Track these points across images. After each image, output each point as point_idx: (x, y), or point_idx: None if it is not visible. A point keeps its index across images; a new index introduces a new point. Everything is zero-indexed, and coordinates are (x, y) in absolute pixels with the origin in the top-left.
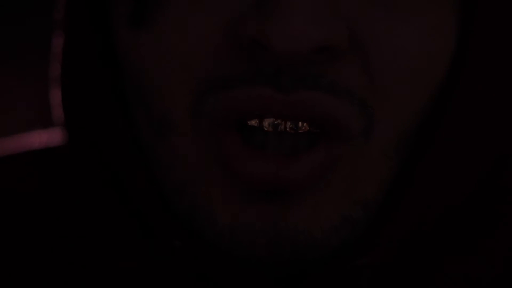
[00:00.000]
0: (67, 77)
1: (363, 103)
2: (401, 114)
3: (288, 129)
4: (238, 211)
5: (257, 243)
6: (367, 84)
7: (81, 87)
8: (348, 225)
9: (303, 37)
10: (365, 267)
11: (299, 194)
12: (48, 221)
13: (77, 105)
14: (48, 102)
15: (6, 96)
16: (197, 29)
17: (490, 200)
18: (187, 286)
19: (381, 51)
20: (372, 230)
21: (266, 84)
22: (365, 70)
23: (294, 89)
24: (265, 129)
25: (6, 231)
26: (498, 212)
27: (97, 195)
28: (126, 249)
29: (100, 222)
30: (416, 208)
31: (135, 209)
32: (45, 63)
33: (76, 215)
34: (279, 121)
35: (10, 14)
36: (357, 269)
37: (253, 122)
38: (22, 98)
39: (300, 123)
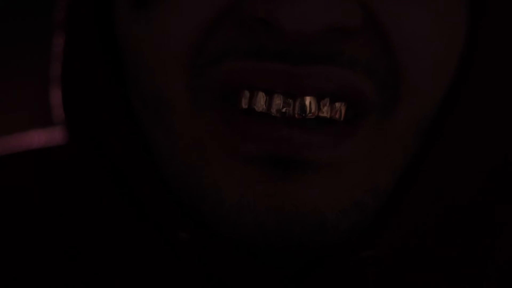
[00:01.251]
0: (69, 72)
1: (382, 79)
2: (420, 98)
3: (296, 115)
4: (244, 190)
5: (263, 223)
6: (386, 63)
7: (83, 82)
8: (358, 210)
9: (313, 18)
10: (370, 259)
11: (312, 171)
12: (50, 218)
13: (78, 101)
14: (48, 102)
15: (6, 96)
16: (196, 7)
17: (496, 198)
18: (193, 279)
19: (399, 32)
20: (379, 222)
21: (273, 58)
22: (384, 50)
23: (305, 62)
24: (272, 115)
25: (7, 231)
26: (504, 212)
27: (100, 190)
28: (131, 243)
29: (103, 217)
30: (423, 202)
31: (139, 202)
32: (45, 63)
33: (79, 211)
34: (285, 110)
35: (10, 14)
36: (363, 262)
37: (260, 109)
38: (22, 98)
39: (307, 108)
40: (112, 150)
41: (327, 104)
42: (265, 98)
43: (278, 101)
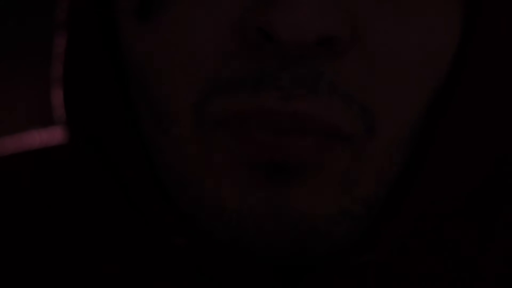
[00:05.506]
0: (70, 72)
1: (362, 105)
2: (402, 112)
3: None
4: (243, 195)
5: (263, 228)
6: (367, 82)
7: (84, 82)
8: (348, 218)
9: (308, 25)
10: (368, 263)
11: (299, 176)
12: (49, 219)
13: (80, 102)
14: (49, 102)
15: (6, 96)
16: (204, 24)
17: (493, 200)
18: (190, 284)
19: (382, 46)
20: (376, 226)
21: (269, 87)
22: (366, 66)
23: (293, 93)
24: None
25: (8, 231)
26: (502, 213)
27: (100, 193)
28: (128, 247)
29: (102, 220)
30: (419, 205)
31: (138, 206)
32: (45, 63)
33: (78, 213)
34: None
35: (10, 14)
36: (361, 265)
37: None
38: (22, 98)
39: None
40: (112, 152)
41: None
42: None
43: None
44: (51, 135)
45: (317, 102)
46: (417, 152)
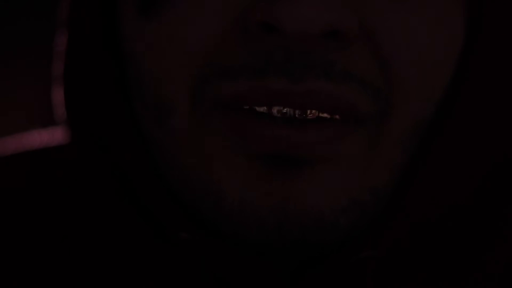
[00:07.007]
0: (71, 72)
1: (376, 89)
2: (415, 103)
3: (297, 116)
4: (246, 188)
5: (265, 222)
6: (379, 73)
7: (85, 82)
8: (356, 208)
9: (313, 18)
10: (370, 259)
11: (308, 168)
12: (52, 219)
13: (81, 101)
14: (48, 102)
15: (6, 96)
16: (206, 15)
17: (496, 198)
18: (193, 278)
19: (392, 40)
20: (379, 222)
21: (276, 73)
22: (377, 59)
23: (304, 78)
24: (273, 115)
25: (8, 232)
26: (504, 212)
27: (101, 190)
28: (132, 243)
29: (105, 216)
30: (423, 202)
31: (142, 202)
32: (45, 63)
33: (81, 212)
34: (286, 110)
35: (10, 14)
36: (362, 261)
37: (261, 109)
38: (22, 98)
39: (308, 110)
40: (114, 149)
41: None
42: None
43: None
44: (51, 135)
45: (331, 83)
46: (421, 149)
